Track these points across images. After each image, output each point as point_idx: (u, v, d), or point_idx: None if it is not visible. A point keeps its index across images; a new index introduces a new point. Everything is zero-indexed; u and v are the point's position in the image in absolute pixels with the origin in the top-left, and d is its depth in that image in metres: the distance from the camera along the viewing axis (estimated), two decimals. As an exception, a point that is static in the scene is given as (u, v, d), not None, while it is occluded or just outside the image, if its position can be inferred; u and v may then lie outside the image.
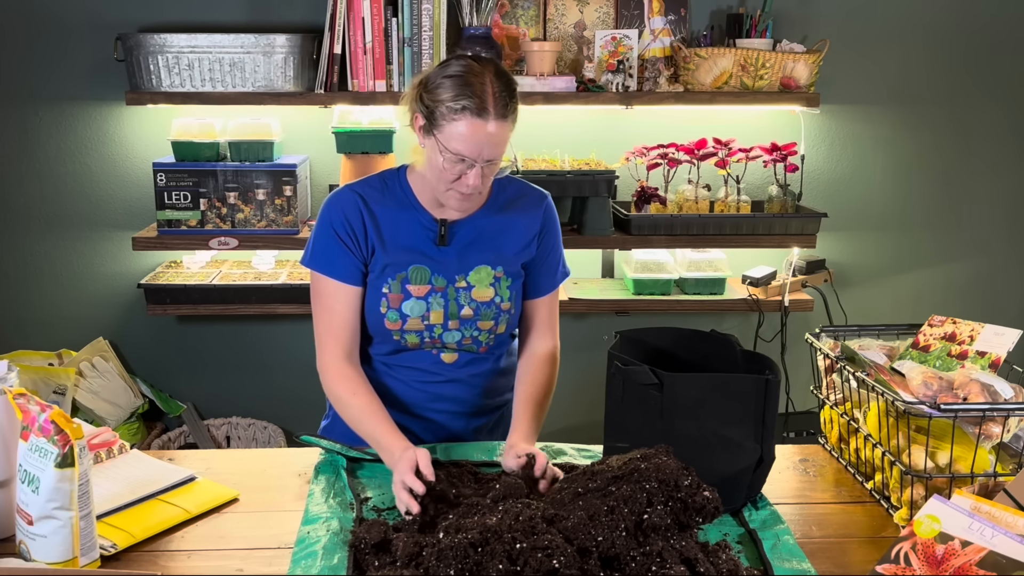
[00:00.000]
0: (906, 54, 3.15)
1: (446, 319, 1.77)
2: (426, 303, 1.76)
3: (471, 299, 1.77)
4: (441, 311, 1.76)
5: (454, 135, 1.61)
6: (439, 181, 1.67)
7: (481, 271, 1.78)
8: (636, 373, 1.53)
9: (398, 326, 1.77)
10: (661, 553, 1.27)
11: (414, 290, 1.76)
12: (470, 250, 1.78)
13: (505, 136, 1.64)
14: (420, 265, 1.76)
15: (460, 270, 1.77)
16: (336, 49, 2.81)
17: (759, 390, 1.51)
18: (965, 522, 1.30)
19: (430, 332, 1.78)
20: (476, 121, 1.59)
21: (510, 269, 1.80)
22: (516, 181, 1.86)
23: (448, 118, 1.61)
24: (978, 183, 3.27)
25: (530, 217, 1.82)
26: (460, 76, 1.61)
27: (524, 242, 1.82)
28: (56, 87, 3.02)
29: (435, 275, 1.76)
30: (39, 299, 3.17)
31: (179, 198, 2.87)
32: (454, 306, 1.77)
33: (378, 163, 2.91)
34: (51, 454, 1.31)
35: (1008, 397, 1.52)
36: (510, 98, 1.63)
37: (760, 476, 1.57)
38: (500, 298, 1.79)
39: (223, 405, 3.28)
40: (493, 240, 1.79)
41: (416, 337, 1.78)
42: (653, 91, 2.88)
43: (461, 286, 1.77)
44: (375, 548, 1.36)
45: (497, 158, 1.65)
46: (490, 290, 1.78)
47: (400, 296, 1.75)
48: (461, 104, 1.59)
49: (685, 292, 3.01)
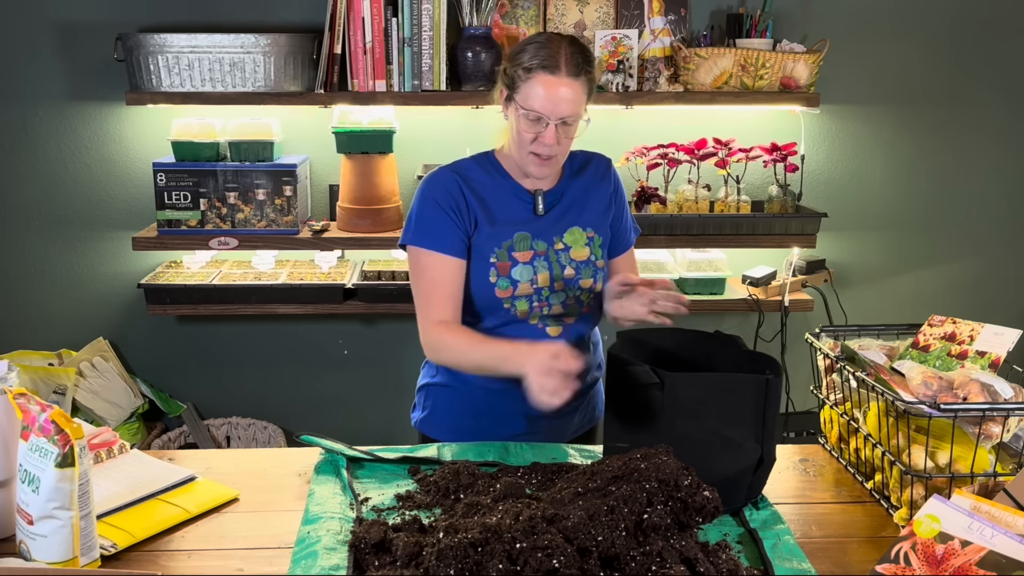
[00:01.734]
0: (906, 54, 3.15)
1: (552, 281, 1.85)
2: (532, 267, 1.84)
3: (571, 259, 1.87)
4: (547, 273, 1.85)
5: (530, 94, 1.73)
6: (520, 146, 1.78)
7: (575, 232, 1.88)
8: (637, 373, 1.53)
9: (509, 293, 1.83)
10: (661, 553, 1.27)
11: (519, 256, 1.84)
12: (562, 215, 1.89)
13: (579, 96, 1.74)
14: (523, 232, 1.85)
15: (556, 232, 1.87)
16: (336, 49, 2.81)
17: (760, 390, 1.51)
18: (965, 522, 1.30)
19: (539, 295, 1.85)
20: (549, 78, 1.71)
21: (599, 229, 1.91)
22: (578, 152, 1.96)
23: (524, 79, 1.73)
24: (978, 183, 3.27)
25: (604, 180, 1.95)
26: (537, 42, 1.75)
27: (605, 203, 1.93)
28: (56, 87, 3.02)
29: (535, 240, 1.85)
30: (39, 299, 3.18)
31: (179, 198, 2.87)
32: (557, 268, 1.86)
33: (378, 163, 2.91)
34: (51, 454, 1.31)
35: (1008, 397, 1.52)
36: (584, 60, 1.74)
37: (761, 476, 1.57)
38: (595, 256, 1.90)
39: (223, 405, 3.28)
40: (578, 203, 1.90)
41: (526, 303, 1.85)
42: (653, 91, 2.88)
43: (559, 248, 1.87)
44: (375, 548, 1.36)
45: (571, 118, 1.75)
46: (585, 249, 1.89)
47: (508, 264, 1.83)
48: (535, 63, 1.72)
49: (685, 292, 3.01)
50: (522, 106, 1.74)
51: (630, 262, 2.02)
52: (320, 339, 3.24)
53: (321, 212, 3.15)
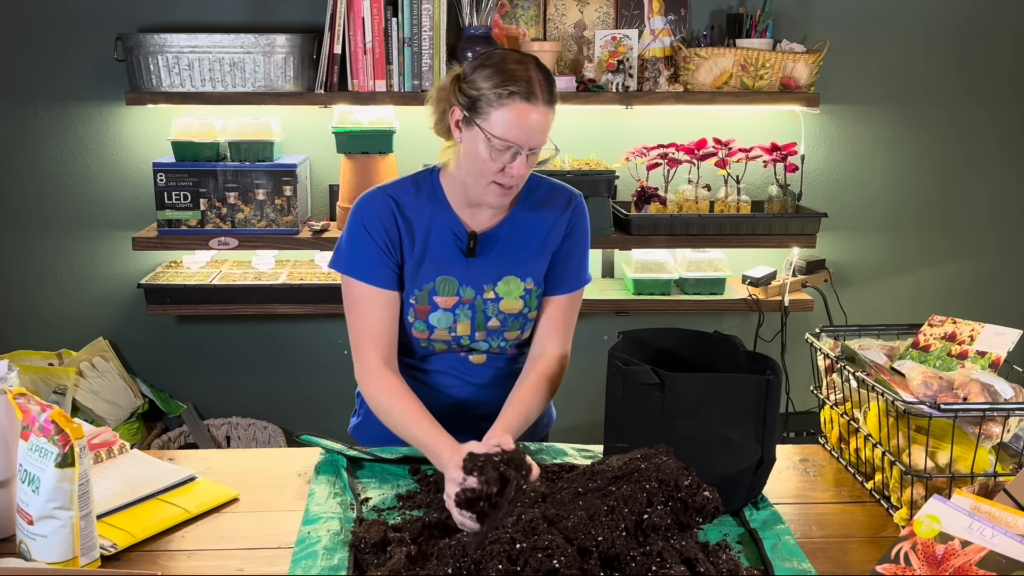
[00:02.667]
0: (906, 54, 3.15)
1: (473, 330, 1.76)
2: (453, 315, 1.75)
3: (499, 311, 1.76)
4: (468, 322, 1.75)
5: (501, 121, 1.58)
6: (480, 174, 1.63)
7: (510, 283, 1.76)
8: (637, 373, 1.53)
9: (425, 336, 1.76)
10: (661, 553, 1.27)
11: (441, 302, 1.74)
12: (499, 260, 1.75)
13: (549, 124, 1.62)
14: (448, 276, 1.74)
15: (488, 279, 1.75)
16: (336, 49, 2.81)
17: (760, 390, 1.51)
18: (965, 522, 1.30)
19: (456, 342, 1.78)
20: (525, 106, 1.58)
21: (539, 278, 1.78)
22: (546, 180, 1.82)
23: (494, 104, 1.58)
24: (978, 183, 3.27)
25: (559, 218, 1.78)
26: (502, 64, 1.60)
27: (552, 245, 1.78)
28: (56, 87, 3.02)
29: (463, 286, 1.74)
30: (39, 299, 3.17)
31: (179, 198, 2.87)
32: (481, 317, 1.76)
33: (378, 163, 2.91)
34: (51, 454, 1.31)
35: (1008, 397, 1.52)
36: (552, 85, 1.63)
37: (761, 477, 1.57)
38: (528, 308, 1.78)
39: (223, 405, 3.28)
40: (522, 247, 1.76)
41: (444, 345, 1.79)
42: (653, 91, 2.88)
43: (489, 297, 1.75)
44: (375, 548, 1.36)
45: (540, 147, 1.63)
46: (519, 302, 1.77)
47: (427, 308, 1.74)
48: (509, 89, 1.57)
49: (685, 292, 3.01)
50: (493, 134, 1.58)
51: (567, 310, 1.80)
52: (320, 339, 3.24)
53: (321, 212, 3.15)
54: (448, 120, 1.66)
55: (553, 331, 1.80)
